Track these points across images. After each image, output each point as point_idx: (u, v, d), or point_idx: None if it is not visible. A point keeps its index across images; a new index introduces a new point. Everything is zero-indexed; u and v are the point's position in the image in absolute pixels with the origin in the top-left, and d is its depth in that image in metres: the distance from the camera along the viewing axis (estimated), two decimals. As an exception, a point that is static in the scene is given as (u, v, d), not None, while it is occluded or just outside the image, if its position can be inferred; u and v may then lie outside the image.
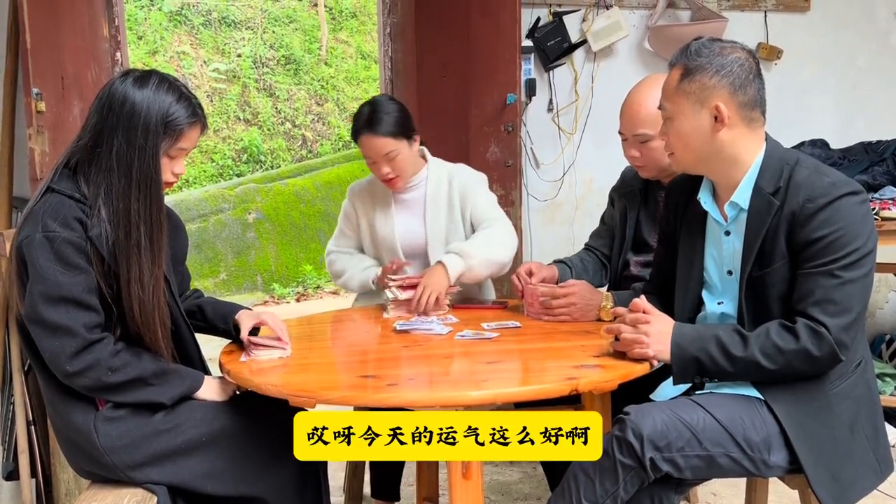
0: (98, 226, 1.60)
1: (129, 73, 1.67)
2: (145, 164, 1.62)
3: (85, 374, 1.59)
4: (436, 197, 2.42)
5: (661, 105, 1.73)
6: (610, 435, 1.57)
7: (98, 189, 1.61)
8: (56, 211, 1.58)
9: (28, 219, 1.61)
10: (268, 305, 7.08)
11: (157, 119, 1.62)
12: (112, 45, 2.92)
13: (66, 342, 1.56)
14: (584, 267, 2.27)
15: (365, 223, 2.45)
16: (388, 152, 2.28)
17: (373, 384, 1.60)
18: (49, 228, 1.56)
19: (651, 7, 3.47)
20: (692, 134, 1.66)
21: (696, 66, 1.64)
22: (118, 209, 1.61)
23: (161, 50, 9.01)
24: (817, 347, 1.54)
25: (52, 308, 1.55)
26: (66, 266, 1.56)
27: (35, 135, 2.45)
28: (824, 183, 1.58)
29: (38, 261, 1.55)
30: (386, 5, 3.43)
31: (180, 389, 1.71)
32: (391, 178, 2.33)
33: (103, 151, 1.62)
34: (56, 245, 1.56)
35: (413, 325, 2.06)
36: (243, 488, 1.71)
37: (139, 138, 1.61)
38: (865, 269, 1.57)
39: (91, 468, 1.70)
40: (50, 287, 1.55)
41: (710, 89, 1.63)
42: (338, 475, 2.67)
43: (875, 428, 1.68)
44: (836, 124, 3.66)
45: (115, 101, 1.62)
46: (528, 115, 3.41)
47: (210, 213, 7.27)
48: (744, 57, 1.65)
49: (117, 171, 1.61)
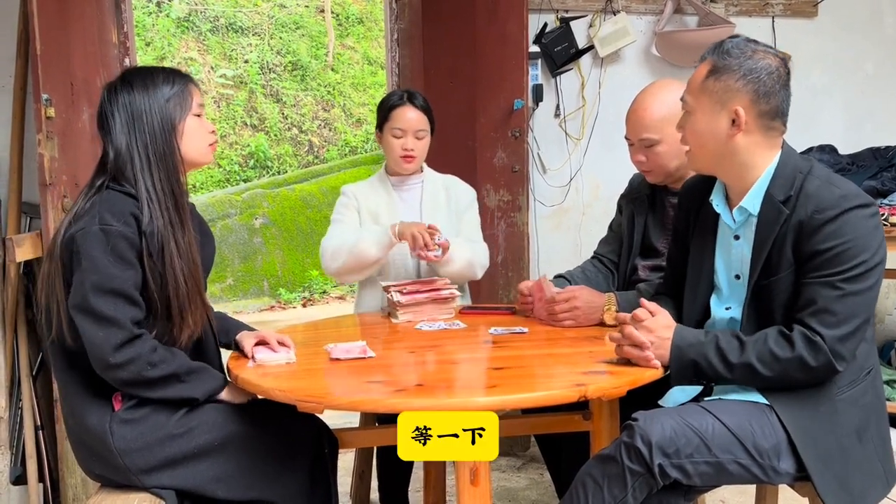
0: (151, 219, 1.67)
1: (110, 86, 1.77)
2: (160, 145, 1.73)
3: (125, 367, 1.62)
4: (433, 198, 2.50)
5: (682, 97, 1.71)
6: (618, 441, 1.56)
7: (140, 185, 1.70)
8: (113, 206, 1.65)
9: (82, 216, 1.66)
10: (274, 310, 7.10)
11: (161, 106, 1.73)
12: (121, 51, 2.94)
13: (112, 333, 1.60)
14: (585, 277, 2.26)
15: (368, 216, 2.47)
16: (419, 129, 2.42)
17: (380, 390, 1.60)
18: (106, 222, 1.62)
19: (658, 13, 3.46)
20: (707, 133, 1.66)
21: (724, 65, 1.63)
22: (153, 196, 1.70)
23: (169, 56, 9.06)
24: (813, 357, 1.54)
25: (101, 299, 1.60)
26: (119, 260, 1.62)
27: (45, 140, 2.46)
28: (834, 195, 1.57)
29: (93, 252, 1.61)
30: (393, 11, 3.44)
31: (211, 386, 1.75)
32: (412, 154, 2.42)
33: (134, 155, 1.71)
34: (112, 238, 1.62)
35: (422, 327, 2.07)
36: (252, 493, 1.72)
37: (156, 129, 1.72)
38: (870, 282, 1.56)
39: (103, 471, 1.71)
40: (103, 278, 1.60)
41: (734, 92, 1.62)
42: (345, 481, 2.67)
43: (882, 437, 1.68)
44: (844, 130, 3.64)
45: (117, 114, 1.72)
46: (535, 120, 3.41)
47: (217, 218, 7.29)
48: (775, 65, 1.63)
49: (147, 165, 1.71)
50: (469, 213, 2.53)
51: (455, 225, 2.48)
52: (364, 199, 2.48)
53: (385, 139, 2.46)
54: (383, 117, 2.45)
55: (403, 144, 2.41)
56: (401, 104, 2.42)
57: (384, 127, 2.45)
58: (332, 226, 2.48)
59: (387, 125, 2.44)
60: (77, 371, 1.69)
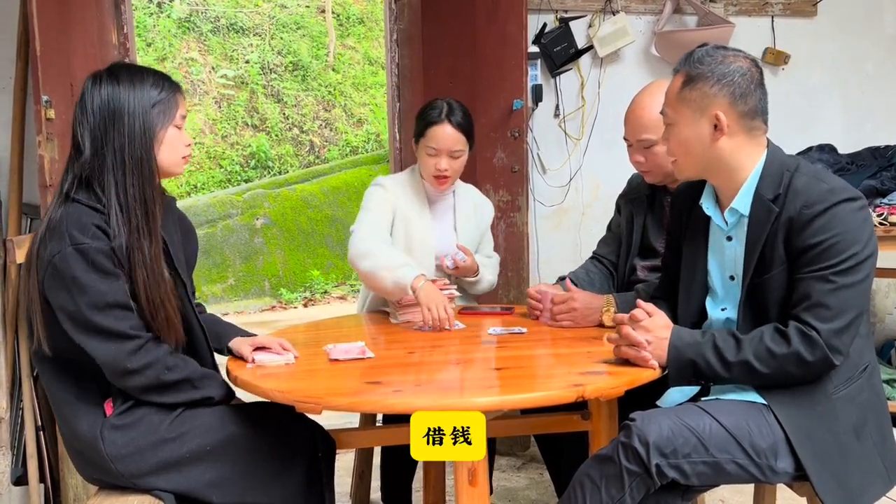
0: (118, 233, 1.63)
1: (95, 75, 1.71)
2: (137, 150, 1.66)
3: (143, 372, 1.62)
4: (464, 211, 2.49)
5: (662, 111, 1.74)
6: (616, 441, 1.57)
7: (110, 190, 1.65)
8: (79, 222, 1.61)
9: (51, 233, 1.62)
10: (275, 311, 7.10)
11: (144, 108, 1.67)
12: (121, 52, 2.94)
13: (122, 344, 1.60)
14: (589, 280, 2.27)
15: (400, 218, 2.38)
16: (456, 149, 2.32)
17: (379, 390, 1.60)
18: (78, 241, 1.58)
19: (657, 12, 3.47)
20: (692, 141, 1.68)
21: (697, 73, 1.65)
22: (124, 203, 1.65)
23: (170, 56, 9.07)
24: (809, 352, 1.55)
25: (101, 315, 1.59)
26: (104, 274, 1.60)
27: (44, 142, 2.47)
28: (822, 189, 1.59)
29: (76, 273, 1.57)
30: (393, 12, 3.44)
31: (222, 391, 1.76)
32: (446, 175, 2.34)
33: (107, 156, 1.65)
34: (90, 256, 1.58)
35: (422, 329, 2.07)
36: (249, 497, 1.71)
37: (136, 132, 1.66)
38: (862, 275, 1.57)
39: (98, 476, 1.71)
40: (94, 296, 1.58)
41: (711, 98, 1.64)
42: (345, 481, 2.68)
43: (883, 434, 1.67)
44: (843, 129, 3.64)
45: (98, 107, 1.66)
46: (534, 120, 3.41)
47: (218, 218, 7.30)
48: (746, 66, 1.65)
49: (121, 169, 1.65)
50: (489, 230, 2.59)
51: (478, 239, 2.53)
52: (400, 204, 2.38)
53: (420, 154, 2.38)
54: (419, 132, 2.36)
55: (437, 164, 2.32)
56: (438, 122, 2.30)
57: (420, 141, 2.37)
58: (364, 213, 2.35)
59: (422, 141, 2.35)
60: (65, 379, 1.68)
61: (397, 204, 2.38)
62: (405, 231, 2.38)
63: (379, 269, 2.14)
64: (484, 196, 2.61)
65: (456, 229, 2.46)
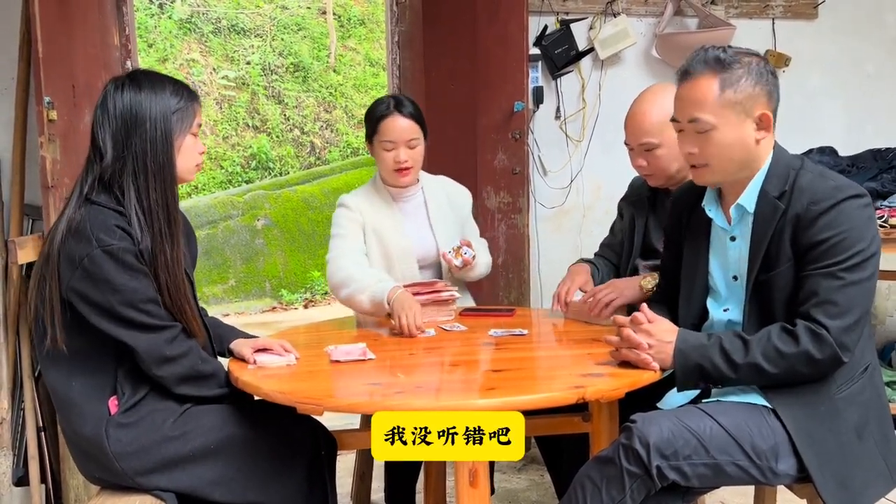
0: (142, 237, 1.66)
1: (117, 80, 1.73)
2: (159, 156, 1.70)
3: (180, 360, 1.68)
4: (436, 204, 2.45)
5: (694, 119, 1.65)
6: (616, 443, 1.57)
7: (130, 194, 1.68)
8: (104, 224, 1.63)
9: (74, 235, 1.63)
10: (276, 312, 7.10)
11: (164, 115, 1.70)
12: (122, 53, 2.94)
13: (159, 333, 1.67)
14: (597, 271, 2.29)
15: (371, 231, 2.37)
16: (411, 138, 2.31)
17: (380, 391, 1.61)
18: (105, 243, 1.61)
19: (658, 15, 3.47)
20: (736, 144, 1.64)
21: (734, 76, 1.62)
22: (146, 208, 1.69)
23: (171, 57, 9.07)
24: (818, 349, 1.54)
25: (135, 311, 1.63)
26: (134, 272, 1.64)
27: (47, 143, 2.47)
28: (828, 186, 1.59)
29: (108, 274, 1.61)
30: (394, 13, 3.45)
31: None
32: (407, 166, 2.32)
33: (128, 161, 1.68)
34: (119, 256, 1.62)
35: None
36: (251, 496, 1.72)
37: (157, 139, 1.69)
38: (868, 272, 1.57)
39: (101, 474, 1.72)
40: (128, 294, 1.63)
41: (755, 98, 1.63)
42: (345, 482, 2.68)
43: (885, 434, 1.68)
44: (844, 131, 3.64)
45: (120, 112, 1.69)
46: (535, 122, 3.42)
47: (219, 219, 7.30)
48: (763, 63, 1.66)
49: (143, 174, 1.69)
50: (470, 217, 2.53)
51: (459, 230, 2.47)
52: (369, 218, 2.36)
53: (376, 152, 2.35)
54: (372, 129, 2.34)
55: (396, 157, 2.29)
56: (388, 114, 2.30)
57: (373, 139, 2.35)
58: (334, 240, 2.34)
59: (376, 138, 2.33)
60: (70, 378, 1.69)
61: (365, 220, 2.36)
62: (380, 244, 2.37)
63: (356, 294, 2.18)
64: (458, 185, 2.54)
65: (431, 226, 2.41)
